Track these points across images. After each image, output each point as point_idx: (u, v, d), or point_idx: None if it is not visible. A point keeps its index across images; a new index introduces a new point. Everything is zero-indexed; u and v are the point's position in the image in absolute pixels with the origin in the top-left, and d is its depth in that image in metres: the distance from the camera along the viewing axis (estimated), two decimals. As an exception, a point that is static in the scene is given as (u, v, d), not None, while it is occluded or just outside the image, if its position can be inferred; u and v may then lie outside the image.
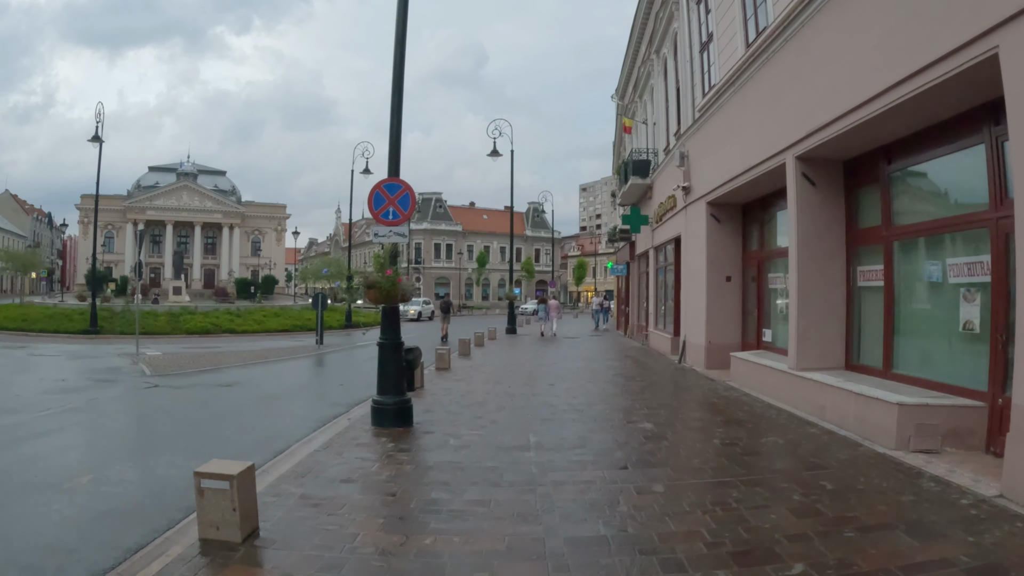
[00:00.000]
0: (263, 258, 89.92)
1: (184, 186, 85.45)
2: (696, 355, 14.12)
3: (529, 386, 11.70)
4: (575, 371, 14.25)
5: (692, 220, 14.64)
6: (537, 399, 10.23)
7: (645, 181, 20.19)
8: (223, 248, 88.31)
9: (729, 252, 13.59)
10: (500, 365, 15.49)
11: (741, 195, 12.83)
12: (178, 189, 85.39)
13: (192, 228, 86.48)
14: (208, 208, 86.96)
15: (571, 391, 11.08)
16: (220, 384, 13.08)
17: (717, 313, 13.48)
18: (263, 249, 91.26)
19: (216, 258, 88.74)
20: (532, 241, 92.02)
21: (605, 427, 8.19)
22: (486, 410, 9.33)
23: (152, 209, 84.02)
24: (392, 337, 8.33)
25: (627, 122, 22.48)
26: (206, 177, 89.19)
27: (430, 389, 11.41)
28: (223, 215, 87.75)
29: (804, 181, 9.56)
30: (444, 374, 13.65)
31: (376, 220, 8.51)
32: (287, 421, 9.36)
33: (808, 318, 9.45)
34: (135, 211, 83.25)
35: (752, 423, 8.42)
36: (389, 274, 7.76)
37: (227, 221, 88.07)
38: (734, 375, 11.83)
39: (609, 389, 11.63)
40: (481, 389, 11.40)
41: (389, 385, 8.30)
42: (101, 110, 25.47)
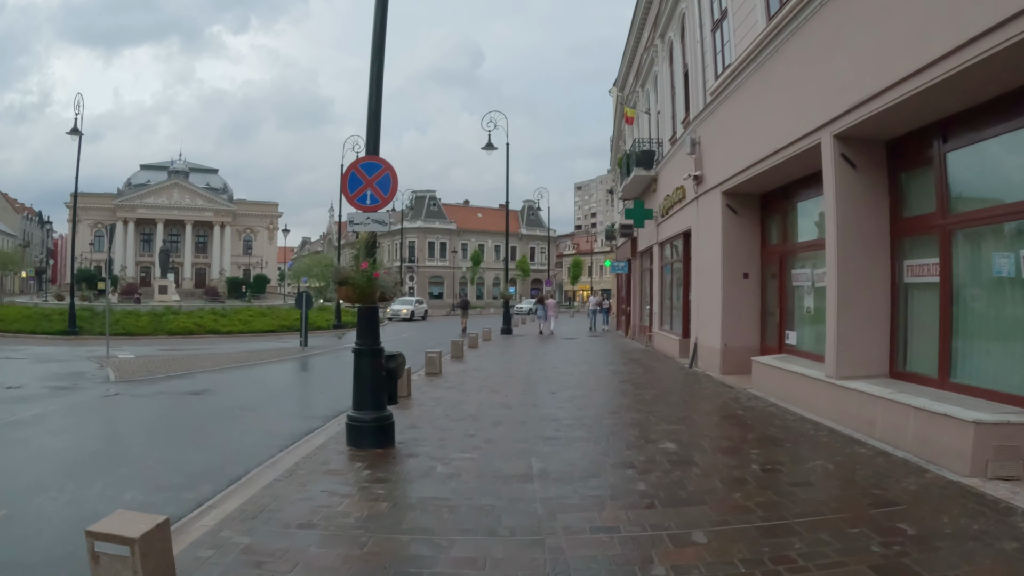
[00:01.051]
0: (255, 257, 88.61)
1: (175, 184, 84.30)
2: (710, 359, 12.94)
3: (528, 395, 10.49)
4: (578, 377, 13.06)
5: (704, 212, 13.46)
6: (538, 411, 9.02)
7: (649, 173, 19.00)
8: (214, 247, 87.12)
9: (746, 247, 12.42)
10: (496, 370, 14.28)
11: (760, 184, 11.66)
12: (169, 187, 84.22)
13: (183, 227, 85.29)
14: (199, 206, 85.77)
15: (576, 401, 9.88)
16: (188, 392, 11.86)
17: (734, 313, 12.30)
18: (255, 248, 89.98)
19: (207, 257, 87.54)
20: (527, 240, 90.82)
21: (620, 448, 6.99)
22: (480, 425, 8.12)
23: (143, 207, 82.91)
24: (369, 342, 7.12)
25: (629, 112, 21.32)
26: (198, 175, 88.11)
27: (418, 398, 10.20)
28: (214, 213, 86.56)
29: (843, 163, 8.39)
30: (435, 380, 12.43)
31: (351, 205, 7.30)
32: (252, 438, 8.16)
33: (849, 319, 8.27)
34: (125, 209, 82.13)
35: (791, 442, 7.23)
36: (364, 268, 6.54)
37: (218, 219, 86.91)
38: (757, 382, 10.65)
39: (618, 399, 10.43)
40: (475, 398, 10.19)
41: (366, 398, 7.09)
42: (80, 101, 24.50)
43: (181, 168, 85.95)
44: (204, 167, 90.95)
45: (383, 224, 7.18)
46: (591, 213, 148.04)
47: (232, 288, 78.16)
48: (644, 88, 22.51)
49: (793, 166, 10.05)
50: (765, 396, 10.02)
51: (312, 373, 15.57)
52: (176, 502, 5.50)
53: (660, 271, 18.81)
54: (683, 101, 16.31)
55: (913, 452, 6.54)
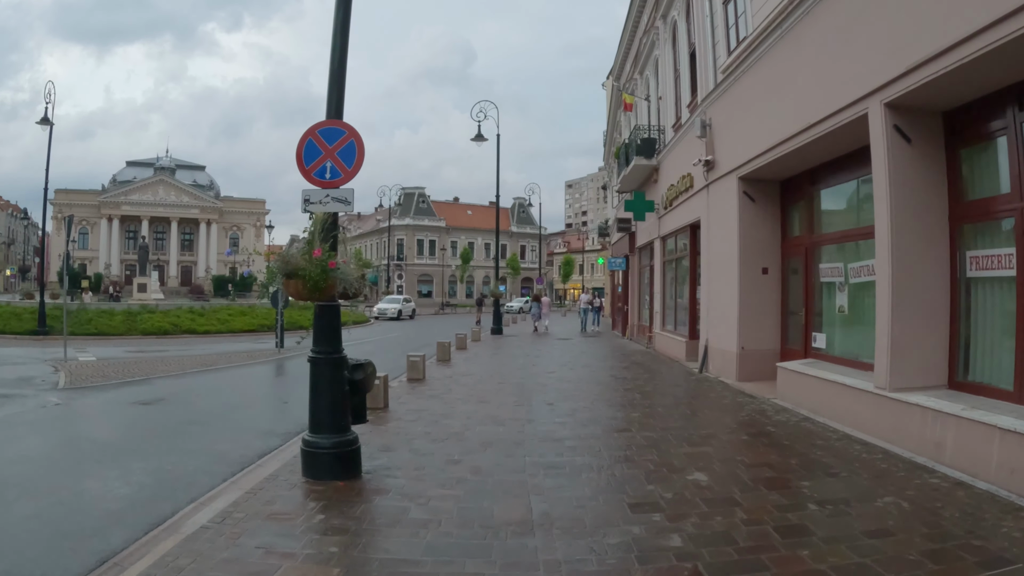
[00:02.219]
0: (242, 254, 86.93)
1: (160, 180, 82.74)
2: (723, 364, 11.65)
3: (522, 407, 9.15)
4: (577, 383, 11.75)
5: (717, 201, 12.17)
6: (534, 429, 7.69)
7: (650, 162, 17.70)
8: (200, 244, 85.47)
9: (765, 238, 11.14)
10: (485, 375, 12.94)
11: (782, 168, 10.38)
12: (154, 184, 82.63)
13: (168, 224, 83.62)
14: (185, 203, 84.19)
15: (578, 415, 8.56)
16: (140, 401, 10.49)
17: (752, 313, 11.02)
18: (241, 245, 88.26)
19: (193, 255, 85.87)
20: (517, 237, 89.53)
21: (639, 480, 5.66)
22: (466, 447, 6.77)
23: (127, 204, 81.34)
24: (328, 349, 5.78)
25: (627, 98, 20.03)
26: (185, 172, 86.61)
27: (396, 411, 8.86)
28: (200, 210, 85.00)
29: (896, 137, 7.11)
30: (417, 387, 11.09)
31: (307, 180, 5.95)
32: (195, 463, 6.79)
33: (906, 320, 7.00)
34: (110, 206, 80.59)
35: (844, 469, 5.95)
36: (318, 256, 5.18)
37: (204, 216, 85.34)
38: (783, 391, 9.37)
39: (626, 412, 9.06)
40: (461, 411, 8.84)
41: (324, 419, 5.75)
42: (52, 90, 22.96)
43: (167, 165, 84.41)
44: (191, 164, 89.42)
45: (346, 203, 5.83)
46: (582, 211, 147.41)
47: (218, 286, 76.57)
48: (643, 75, 21.23)
49: (825, 145, 8.79)
50: (794, 408, 8.74)
51: (284, 378, 14.16)
52: (69, 558, 4.18)
53: (662, 267, 17.52)
54: (688, 84, 15.03)
55: (1000, 484, 5.29)
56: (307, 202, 5.85)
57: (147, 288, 54.70)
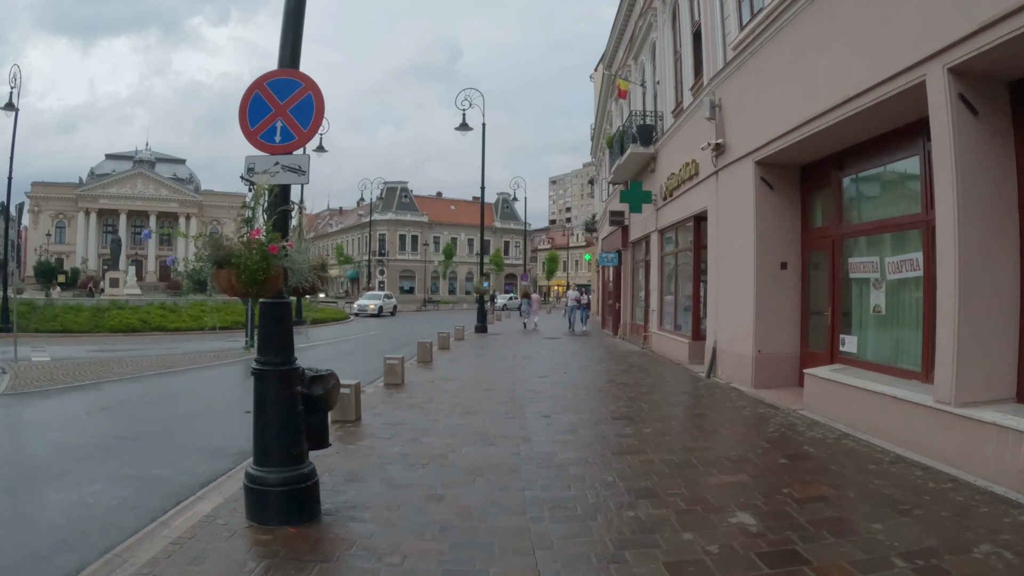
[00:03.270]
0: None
1: (139, 173, 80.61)
2: (736, 368, 10.54)
3: (515, 420, 7.95)
4: (574, 390, 10.59)
5: (728, 189, 11.06)
6: (531, 449, 6.50)
7: (647, 150, 16.56)
8: (179, 239, 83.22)
9: (785, 230, 10.04)
10: (471, 379, 11.72)
11: (805, 151, 9.30)
12: (132, 177, 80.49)
13: (147, 218, 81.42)
14: (164, 197, 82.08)
15: (580, 432, 7.40)
16: (81, 411, 9.28)
17: (770, 313, 9.92)
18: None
19: (172, 249, 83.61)
20: (501, 233, 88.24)
21: (672, 527, 4.47)
22: (451, 477, 5.57)
23: (105, 198, 79.14)
24: (276, 359, 4.56)
25: (622, 84, 18.85)
26: (164, 165, 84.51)
27: (370, 424, 7.66)
28: (179, 204, 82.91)
29: (962, 108, 6.02)
30: (395, 395, 9.88)
31: (252, 144, 4.73)
32: (123, 493, 5.59)
33: (973, 323, 5.91)
34: (87, 200, 78.35)
35: (917, 506, 4.84)
36: (257, 236, 3.96)
37: (184, 211, 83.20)
38: (812, 402, 8.28)
39: (636, 426, 7.69)
40: (444, 425, 7.63)
41: (273, 447, 4.55)
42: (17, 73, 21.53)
43: (147, 158, 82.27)
44: (171, 157, 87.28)
45: (300, 173, 4.61)
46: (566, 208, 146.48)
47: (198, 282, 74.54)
48: (638, 60, 20.12)
49: (863, 123, 7.69)
50: (828, 422, 7.64)
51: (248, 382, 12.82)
52: None
53: (660, 262, 16.39)
54: (692, 65, 13.91)
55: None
56: (251, 171, 4.62)
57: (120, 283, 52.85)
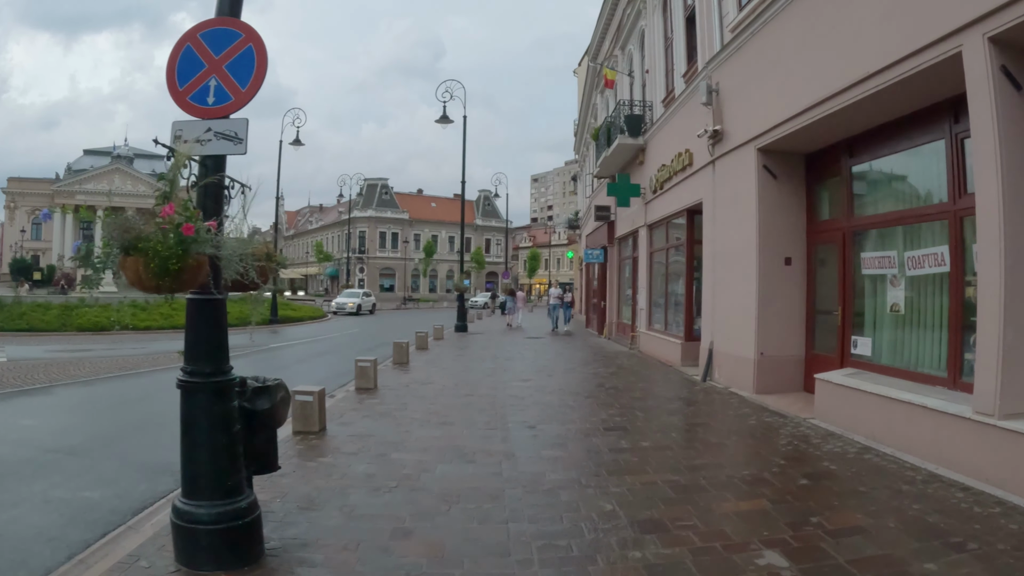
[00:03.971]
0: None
1: (116, 169, 78.46)
2: (735, 372, 9.80)
3: (496, 431, 7.11)
4: (560, 395, 9.78)
5: (727, 179, 10.31)
6: (515, 468, 5.66)
7: (636, 141, 15.80)
8: None
9: (789, 223, 9.31)
10: (449, 383, 10.85)
11: (812, 137, 8.57)
12: (110, 172, 78.34)
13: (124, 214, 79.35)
14: (142, 193, 79.49)
15: (570, 445, 6.58)
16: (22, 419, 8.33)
17: (773, 312, 9.18)
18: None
19: None
20: (482, 231, 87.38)
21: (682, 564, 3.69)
22: (422, 505, 4.72)
23: (82, 194, 76.91)
24: (206, 367, 3.70)
25: (609, 74, 18.09)
26: (143, 161, 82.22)
27: (335, 436, 6.79)
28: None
29: (1005, 82, 5.30)
30: (366, 400, 9.02)
31: (180, 107, 3.87)
32: (44, 521, 4.73)
33: (1020, 326, 5.18)
34: (63, 195, 76.20)
35: (970, 538, 4.09)
36: (168, 215, 3.10)
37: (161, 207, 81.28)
38: (824, 410, 7.54)
39: (632, 439, 6.80)
40: (417, 437, 6.77)
41: (204, 476, 3.70)
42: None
43: (125, 153, 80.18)
44: (150, 153, 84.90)
45: (236, 140, 3.74)
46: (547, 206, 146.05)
47: None
48: (625, 50, 19.35)
49: (884, 103, 6.96)
50: (844, 433, 6.91)
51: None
52: None
53: (649, 258, 15.63)
54: (684, 51, 13.16)
55: None
56: (177, 139, 3.75)
57: (92, 280, 51.23)
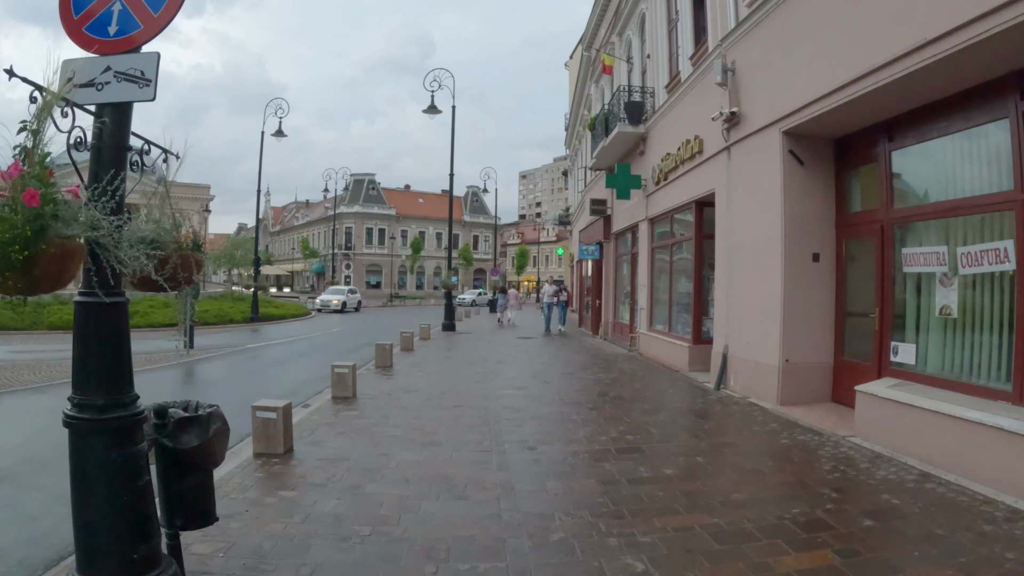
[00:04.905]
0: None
1: None
2: (756, 380, 8.85)
3: (490, 454, 6.09)
4: (560, 407, 8.77)
5: (745, 166, 9.36)
6: (516, 509, 4.66)
7: (636, 129, 14.82)
8: None
9: (817, 214, 8.37)
10: (435, 391, 9.79)
11: (846, 119, 7.63)
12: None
13: (107, 210, 77.77)
14: (126, 187, 78.31)
15: (578, 473, 5.57)
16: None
17: (800, 314, 8.24)
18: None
19: None
20: (470, 227, 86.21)
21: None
22: (400, 565, 3.70)
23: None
24: (98, 396, 2.67)
25: (607, 60, 17.11)
26: None
27: (303, 460, 5.76)
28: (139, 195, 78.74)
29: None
30: (342, 412, 7.99)
31: (75, 40, 2.84)
32: None
33: None
34: (45, 192, 74.23)
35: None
36: (14, 176, 2.08)
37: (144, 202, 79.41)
38: (866, 427, 6.60)
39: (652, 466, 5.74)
40: (398, 464, 5.70)
41: (101, 543, 2.66)
42: None
43: None
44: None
45: (143, 83, 2.72)
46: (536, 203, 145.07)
47: None
48: (623, 36, 18.36)
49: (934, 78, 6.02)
50: (895, 455, 5.97)
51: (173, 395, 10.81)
52: None
53: (650, 255, 14.65)
54: (691, 32, 12.20)
55: None
56: (69, 82, 2.72)
57: (65, 276, 49.71)
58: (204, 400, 3.34)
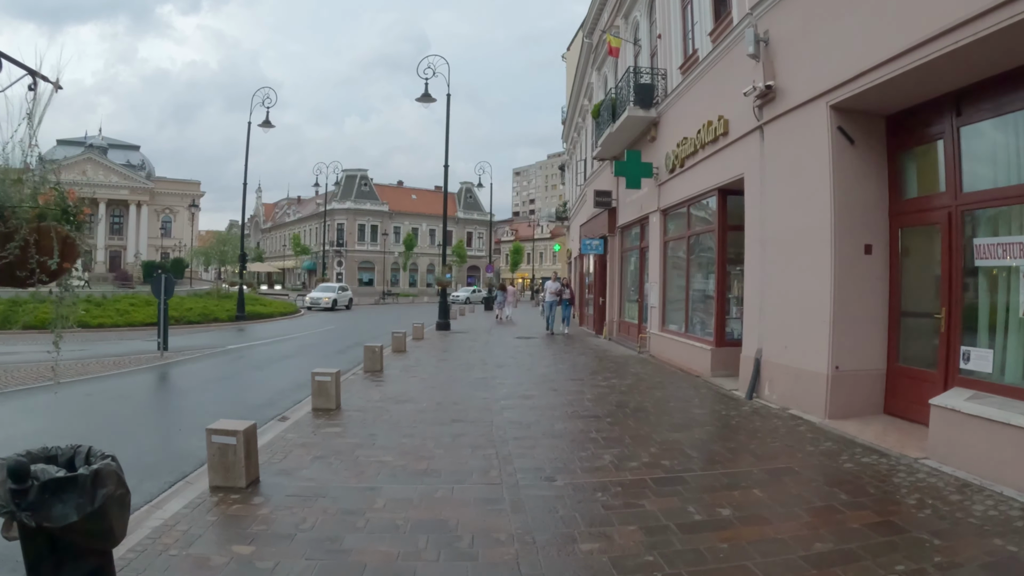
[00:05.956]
0: (174, 239, 80.00)
1: (88, 159, 74.95)
2: (797, 390, 7.78)
3: (499, 486, 5.01)
4: (574, 420, 7.68)
5: (783, 146, 8.28)
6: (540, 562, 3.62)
7: (648, 114, 13.75)
8: (130, 228, 78.18)
9: (870, 201, 7.32)
10: (430, 402, 8.59)
11: (907, 90, 6.58)
12: (81, 162, 74.81)
13: (96, 206, 76.12)
14: (114, 183, 76.65)
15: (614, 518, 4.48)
16: None
17: (851, 315, 7.18)
18: (174, 230, 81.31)
19: (123, 239, 78.54)
20: (464, 224, 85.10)
21: None
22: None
23: (51, 184, 73.65)
24: None
25: (613, 41, 16.04)
26: (118, 152, 79.10)
27: (268, 496, 4.67)
28: (130, 191, 77.60)
29: None
30: (323, 428, 6.89)
31: None
32: None
33: None
34: (32, 186, 72.64)
35: None
36: None
37: (134, 198, 77.98)
38: (944, 447, 5.55)
39: (703, 506, 4.65)
40: (384, 506, 4.56)
41: None
42: None
43: (98, 143, 76.78)
44: (125, 143, 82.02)
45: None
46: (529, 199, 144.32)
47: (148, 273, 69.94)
48: (629, 18, 17.27)
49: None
50: (985, 483, 4.94)
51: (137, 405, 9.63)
52: None
53: (662, 249, 13.56)
54: (710, 6, 11.14)
55: None
56: None
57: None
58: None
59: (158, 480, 5.41)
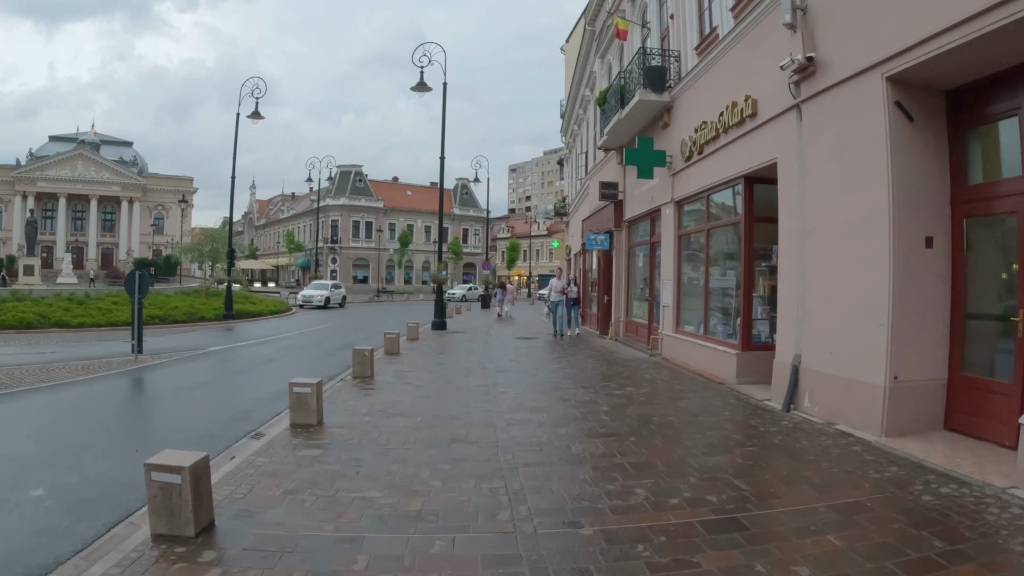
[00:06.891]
0: (166, 235, 78.83)
1: (79, 155, 73.97)
2: (846, 403, 6.83)
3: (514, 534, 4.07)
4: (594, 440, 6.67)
5: (826, 125, 7.32)
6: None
7: (660, 98, 12.77)
8: (122, 225, 77.09)
9: (931, 187, 6.38)
10: (425, 417, 7.53)
11: (983, 57, 5.65)
12: (72, 158, 73.86)
13: (88, 202, 75.08)
14: (106, 180, 75.63)
15: None
16: None
17: (912, 317, 6.25)
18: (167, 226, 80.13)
19: (115, 236, 77.46)
20: (460, 220, 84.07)
21: None
22: None
23: (43, 180, 72.42)
24: None
25: (621, 23, 15.08)
26: (110, 148, 78.07)
27: (222, 548, 3.71)
28: (122, 188, 76.58)
29: None
30: (301, 449, 5.92)
31: None
32: None
33: None
34: (25, 182, 71.68)
35: None
36: None
37: (127, 195, 77.04)
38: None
39: (770, 561, 3.57)
40: (367, 566, 3.61)
41: None
42: None
43: (91, 139, 75.77)
44: (117, 140, 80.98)
45: None
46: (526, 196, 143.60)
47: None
48: (635, 1, 16.33)
49: None
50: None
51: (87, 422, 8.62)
52: None
53: (676, 243, 12.58)
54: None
55: None
56: None
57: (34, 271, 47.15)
58: None
59: (96, 521, 4.46)
